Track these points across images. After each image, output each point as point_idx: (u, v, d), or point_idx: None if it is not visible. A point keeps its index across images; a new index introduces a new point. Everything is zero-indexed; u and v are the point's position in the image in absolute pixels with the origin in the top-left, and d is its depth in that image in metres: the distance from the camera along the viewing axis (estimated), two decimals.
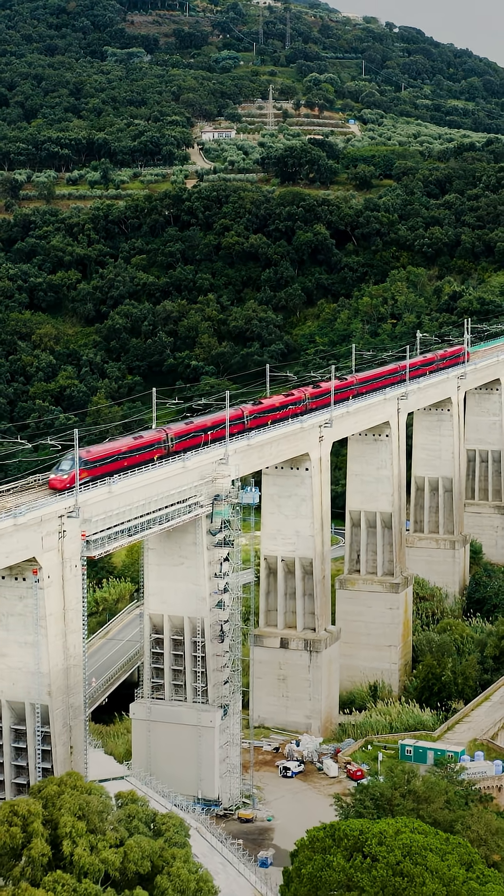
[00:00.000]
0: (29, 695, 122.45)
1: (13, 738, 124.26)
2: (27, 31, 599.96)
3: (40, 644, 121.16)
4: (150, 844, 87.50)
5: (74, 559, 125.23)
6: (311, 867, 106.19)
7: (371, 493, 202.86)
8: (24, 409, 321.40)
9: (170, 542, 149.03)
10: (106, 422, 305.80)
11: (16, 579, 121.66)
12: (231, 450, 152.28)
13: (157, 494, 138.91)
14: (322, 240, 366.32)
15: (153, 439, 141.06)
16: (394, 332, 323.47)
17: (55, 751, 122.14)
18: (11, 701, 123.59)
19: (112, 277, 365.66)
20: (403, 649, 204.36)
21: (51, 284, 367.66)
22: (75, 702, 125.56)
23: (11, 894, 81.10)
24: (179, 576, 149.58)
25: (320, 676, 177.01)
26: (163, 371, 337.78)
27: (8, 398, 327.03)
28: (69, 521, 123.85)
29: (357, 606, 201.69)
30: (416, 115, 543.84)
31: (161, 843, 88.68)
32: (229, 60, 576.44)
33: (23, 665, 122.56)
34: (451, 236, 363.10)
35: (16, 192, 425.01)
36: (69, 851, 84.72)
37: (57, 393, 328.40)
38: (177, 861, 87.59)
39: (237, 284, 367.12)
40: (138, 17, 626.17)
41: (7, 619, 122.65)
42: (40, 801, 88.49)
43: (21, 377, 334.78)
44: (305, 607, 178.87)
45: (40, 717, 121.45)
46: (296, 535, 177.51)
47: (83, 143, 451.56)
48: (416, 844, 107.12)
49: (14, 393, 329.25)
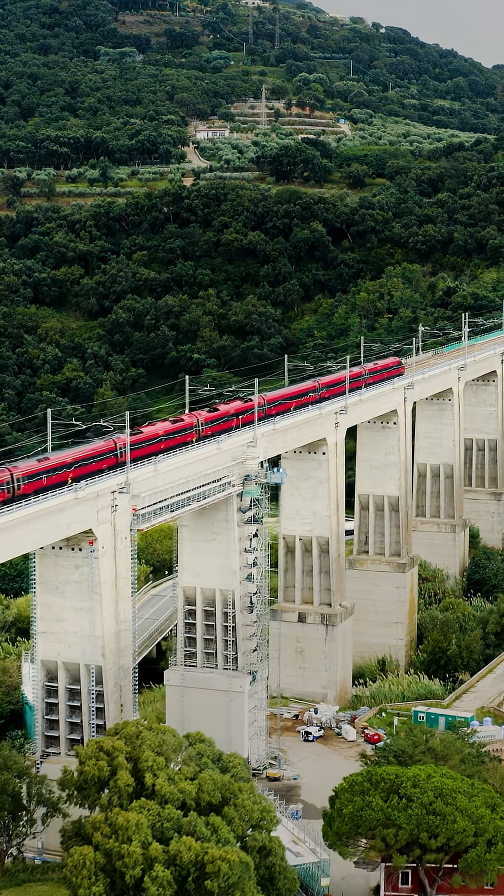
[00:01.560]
0: (84, 656, 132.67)
1: (68, 697, 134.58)
2: (20, 31, 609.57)
3: (95, 609, 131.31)
4: (220, 778, 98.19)
5: (125, 531, 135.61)
6: (352, 807, 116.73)
7: (379, 477, 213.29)
8: (32, 400, 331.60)
9: (202, 520, 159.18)
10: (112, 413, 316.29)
11: (72, 550, 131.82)
12: (259, 433, 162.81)
13: (195, 474, 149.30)
14: (318, 237, 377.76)
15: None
16: (390, 326, 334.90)
17: (108, 708, 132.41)
18: (67, 662, 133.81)
19: (114, 273, 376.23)
20: (409, 626, 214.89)
21: (54, 279, 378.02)
22: (125, 663, 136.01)
23: (105, 817, 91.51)
24: (211, 551, 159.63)
25: (336, 649, 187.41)
26: (165, 364, 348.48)
27: (16, 390, 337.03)
28: (121, 497, 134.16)
29: (366, 585, 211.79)
30: (404, 115, 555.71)
31: (228, 778, 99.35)
32: (220, 60, 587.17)
33: (78, 629, 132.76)
34: (444, 234, 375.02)
35: (17, 189, 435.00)
36: (151, 783, 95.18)
37: (63, 385, 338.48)
38: (243, 793, 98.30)
39: (236, 280, 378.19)
40: (129, 16, 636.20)
41: (64, 586, 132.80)
42: (122, 739, 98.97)
43: (28, 369, 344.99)
44: (322, 584, 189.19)
45: (95, 678, 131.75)
46: (313, 515, 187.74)
47: (81, 141, 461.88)
48: (446, 787, 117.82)
49: (21, 385, 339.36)
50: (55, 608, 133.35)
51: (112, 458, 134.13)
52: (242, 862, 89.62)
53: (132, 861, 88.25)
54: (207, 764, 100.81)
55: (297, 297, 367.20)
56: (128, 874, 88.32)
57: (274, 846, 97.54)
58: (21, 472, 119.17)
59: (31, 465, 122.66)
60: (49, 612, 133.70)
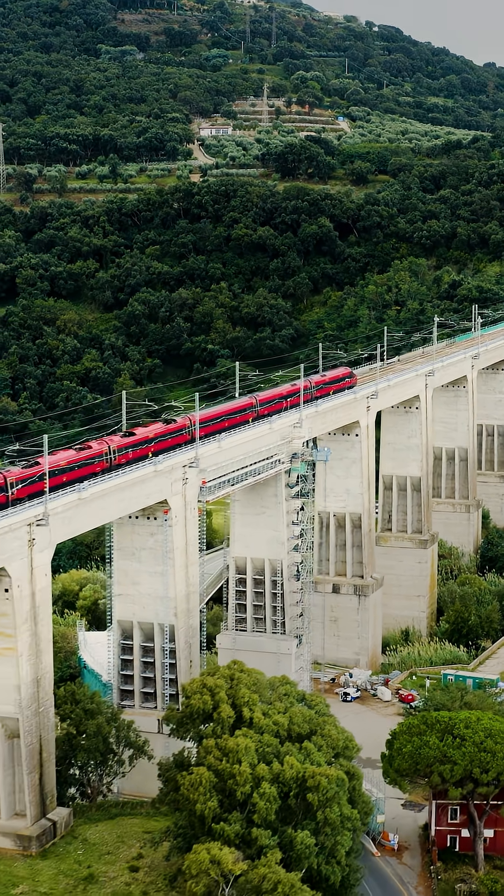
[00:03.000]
0: (157, 616, 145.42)
1: (142, 654, 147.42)
2: (22, 29, 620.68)
3: (168, 573, 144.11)
4: (307, 712, 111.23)
5: (193, 502, 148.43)
6: (411, 746, 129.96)
7: (402, 459, 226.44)
8: (53, 389, 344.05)
9: (253, 495, 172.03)
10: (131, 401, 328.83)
11: (147, 519, 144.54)
12: (304, 415, 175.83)
13: (251, 451, 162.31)
14: (326, 232, 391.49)
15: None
16: (398, 317, 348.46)
17: (179, 663, 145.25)
18: (142, 622, 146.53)
19: (128, 267, 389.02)
20: (430, 599, 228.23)
21: (70, 273, 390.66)
22: (193, 623, 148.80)
23: (215, 742, 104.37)
24: (261, 524, 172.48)
25: (367, 618, 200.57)
26: (180, 354, 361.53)
27: (37, 379, 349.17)
28: (191, 470, 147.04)
29: (389, 560, 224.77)
30: (400, 113, 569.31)
31: (314, 713, 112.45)
32: (219, 59, 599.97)
33: (152, 591, 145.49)
34: (447, 229, 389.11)
35: (29, 185, 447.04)
36: (248, 715, 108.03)
37: (83, 374, 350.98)
38: (328, 725, 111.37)
39: (247, 274, 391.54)
40: (128, 15, 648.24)
41: (139, 552, 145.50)
42: (221, 678, 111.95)
43: (48, 360, 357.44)
44: (354, 557, 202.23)
45: (168, 636, 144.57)
46: (346, 493, 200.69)
47: (90, 138, 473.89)
48: (494, 728, 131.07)
49: (42, 374, 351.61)
50: (131, 572, 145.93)
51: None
52: (339, 778, 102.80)
53: (242, 779, 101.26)
54: (293, 702, 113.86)
55: (306, 290, 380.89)
56: (238, 791, 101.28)
57: (356, 771, 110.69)
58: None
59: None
60: (125, 577, 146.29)
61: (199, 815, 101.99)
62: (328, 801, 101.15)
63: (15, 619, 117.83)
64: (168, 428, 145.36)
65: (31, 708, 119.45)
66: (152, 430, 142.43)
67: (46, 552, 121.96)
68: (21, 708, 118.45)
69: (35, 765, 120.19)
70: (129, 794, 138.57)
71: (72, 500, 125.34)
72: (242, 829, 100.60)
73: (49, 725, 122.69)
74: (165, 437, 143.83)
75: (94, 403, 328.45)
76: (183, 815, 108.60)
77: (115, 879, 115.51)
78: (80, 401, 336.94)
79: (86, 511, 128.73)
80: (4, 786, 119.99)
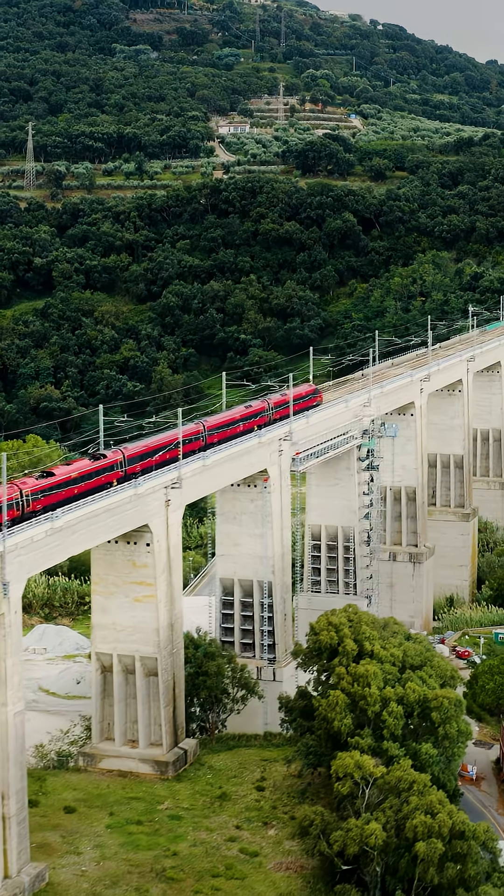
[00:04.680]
0: (256, 574, 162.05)
1: (241, 608, 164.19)
2: (37, 29, 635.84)
3: (266, 535, 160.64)
4: (417, 646, 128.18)
5: (286, 472, 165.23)
6: (493, 684, 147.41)
7: (446, 438, 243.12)
8: (94, 377, 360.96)
9: (327, 468, 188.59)
10: (169, 388, 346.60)
11: (248, 486, 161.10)
12: (372, 395, 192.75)
13: (330, 427, 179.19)
14: (350, 226, 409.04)
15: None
16: (424, 308, 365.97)
17: (276, 616, 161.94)
18: (242, 579, 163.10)
19: (161, 260, 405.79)
20: (472, 568, 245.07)
21: (105, 267, 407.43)
22: (286, 580, 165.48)
23: (345, 669, 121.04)
24: (335, 494, 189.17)
25: (421, 583, 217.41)
26: (214, 344, 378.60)
27: (78, 368, 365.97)
28: (285, 443, 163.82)
29: (434, 533, 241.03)
30: (409, 110, 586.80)
31: (422, 647, 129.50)
32: (231, 58, 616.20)
33: (252, 552, 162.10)
34: (466, 223, 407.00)
35: (59, 182, 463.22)
36: (369, 648, 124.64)
37: (121, 363, 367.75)
38: (436, 658, 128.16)
39: (274, 267, 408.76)
40: (140, 14, 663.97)
41: (241, 517, 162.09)
42: (344, 616, 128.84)
43: (87, 350, 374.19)
44: (408, 527, 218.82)
45: (266, 591, 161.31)
46: (402, 468, 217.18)
47: (114, 136, 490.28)
48: None
49: (83, 363, 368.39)
50: (233, 535, 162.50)
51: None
52: (457, 700, 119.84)
53: (372, 700, 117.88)
54: (402, 640, 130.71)
55: (332, 282, 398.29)
56: (369, 710, 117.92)
57: (461, 698, 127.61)
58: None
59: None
60: (227, 539, 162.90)
61: (336, 732, 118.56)
62: (448, 718, 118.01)
63: (155, 570, 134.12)
64: (95, 465, 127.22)
65: (167, 649, 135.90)
66: (77, 468, 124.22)
67: (178, 512, 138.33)
68: (159, 648, 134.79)
69: (170, 699, 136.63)
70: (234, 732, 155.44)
71: (197, 467, 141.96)
72: (374, 742, 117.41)
73: (180, 665, 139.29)
74: (91, 476, 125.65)
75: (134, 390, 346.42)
76: (312, 737, 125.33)
77: (245, 797, 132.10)
78: (119, 388, 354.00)
79: (207, 476, 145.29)
80: (143, 718, 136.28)
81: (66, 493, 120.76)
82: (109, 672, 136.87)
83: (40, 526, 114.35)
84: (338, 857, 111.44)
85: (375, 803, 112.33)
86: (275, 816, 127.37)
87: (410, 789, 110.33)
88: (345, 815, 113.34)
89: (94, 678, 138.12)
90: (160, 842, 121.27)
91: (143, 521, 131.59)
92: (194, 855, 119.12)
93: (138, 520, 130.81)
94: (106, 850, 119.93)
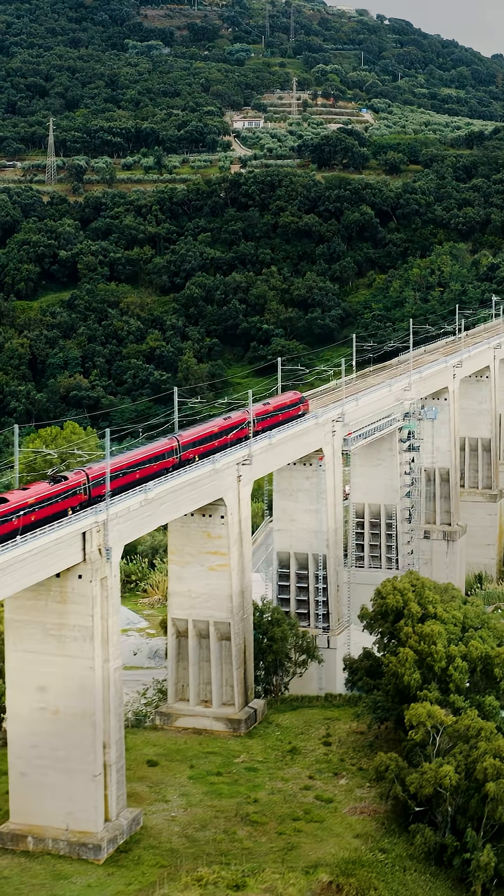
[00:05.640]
0: (311, 547, 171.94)
1: (297, 580, 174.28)
2: (50, 25, 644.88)
3: (321, 511, 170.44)
4: (475, 609, 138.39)
5: (338, 452, 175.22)
6: None
7: (474, 423, 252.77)
8: (121, 366, 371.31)
9: (370, 449, 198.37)
10: (195, 377, 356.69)
11: (304, 465, 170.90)
12: (413, 380, 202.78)
13: (376, 410, 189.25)
14: (368, 219, 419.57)
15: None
16: (442, 298, 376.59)
17: (330, 588, 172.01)
18: (297, 553, 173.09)
19: (183, 252, 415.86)
20: (499, 547, 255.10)
21: (128, 259, 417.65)
22: (339, 554, 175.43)
23: (412, 629, 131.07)
24: (377, 474, 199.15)
25: (455, 560, 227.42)
26: (237, 334, 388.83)
27: (105, 358, 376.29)
28: (338, 424, 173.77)
29: (463, 513, 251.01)
30: (418, 104, 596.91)
31: (479, 610, 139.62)
32: (242, 53, 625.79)
33: (307, 526, 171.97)
34: (481, 216, 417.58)
35: (80, 176, 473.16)
36: (432, 611, 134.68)
37: (147, 353, 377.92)
38: (492, 620, 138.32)
39: (294, 258, 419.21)
40: (151, 10, 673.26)
41: (296, 493, 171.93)
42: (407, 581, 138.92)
43: (114, 340, 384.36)
44: (442, 507, 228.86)
45: (321, 564, 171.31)
46: (436, 450, 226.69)
47: (132, 131, 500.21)
48: None
49: (109, 353, 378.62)
50: (289, 510, 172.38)
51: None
52: None
53: (439, 657, 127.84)
54: (460, 604, 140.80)
55: (351, 274, 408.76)
56: (436, 666, 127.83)
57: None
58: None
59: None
60: (284, 514, 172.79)
61: (405, 687, 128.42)
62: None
63: (228, 541, 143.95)
64: (54, 490, 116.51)
65: (239, 614, 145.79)
66: (33, 493, 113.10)
67: (248, 487, 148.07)
68: (232, 614, 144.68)
69: (241, 661, 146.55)
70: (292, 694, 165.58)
71: (264, 445, 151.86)
72: (441, 696, 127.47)
73: (250, 629, 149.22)
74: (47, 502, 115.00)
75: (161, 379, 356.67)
76: (380, 693, 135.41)
77: (313, 751, 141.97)
78: (146, 377, 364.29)
79: (272, 454, 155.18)
80: (216, 680, 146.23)
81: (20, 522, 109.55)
82: (184, 637, 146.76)
83: (136, 497, 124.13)
84: (410, 799, 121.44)
85: (445, 749, 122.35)
86: (343, 768, 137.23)
87: (478, 735, 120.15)
88: (415, 763, 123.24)
89: (169, 643, 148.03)
90: (240, 790, 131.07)
91: (218, 495, 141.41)
92: (273, 801, 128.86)
93: (214, 493, 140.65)
94: (191, 798, 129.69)
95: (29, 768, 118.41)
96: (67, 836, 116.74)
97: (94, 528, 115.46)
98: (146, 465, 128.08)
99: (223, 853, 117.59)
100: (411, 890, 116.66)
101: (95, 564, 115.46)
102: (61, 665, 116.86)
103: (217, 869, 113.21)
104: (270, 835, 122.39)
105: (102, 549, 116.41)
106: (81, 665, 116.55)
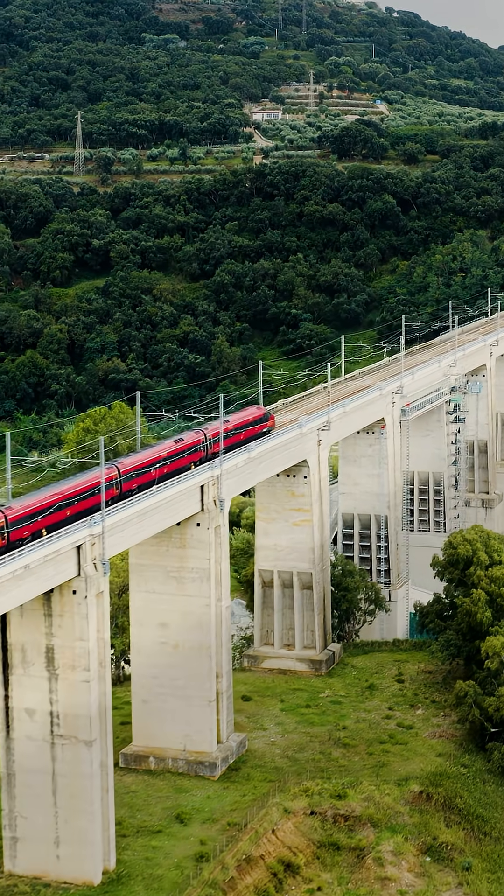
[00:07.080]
0: (374, 509, 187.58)
1: (360, 539, 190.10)
2: (68, 19, 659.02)
3: (383, 475, 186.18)
4: None
5: (397, 421, 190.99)
6: None
7: None
8: (156, 350, 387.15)
9: (419, 420, 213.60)
10: (228, 360, 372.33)
11: (367, 433, 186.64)
12: (456, 357, 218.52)
13: (428, 384, 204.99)
14: (390, 207, 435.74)
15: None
16: (464, 283, 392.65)
17: (390, 546, 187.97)
18: (361, 514, 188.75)
19: (212, 241, 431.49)
20: None
21: (159, 247, 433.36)
22: (398, 515, 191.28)
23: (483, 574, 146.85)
24: (426, 444, 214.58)
25: (493, 526, 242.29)
26: (266, 318, 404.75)
27: (140, 342, 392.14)
28: (397, 396, 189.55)
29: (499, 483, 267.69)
30: (429, 95, 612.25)
31: None
32: (256, 46, 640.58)
33: (369, 489, 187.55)
34: (499, 204, 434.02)
35: (108, 168, 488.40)
36: (499, 559, 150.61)
37: (181, 337, 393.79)
38: None
39: (319, 246, 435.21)
40: (165, 4, 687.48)
41: (360, 459, 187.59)
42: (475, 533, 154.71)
43: (148, 325, 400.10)
44: (480, 476, 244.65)
45: (383, 524, 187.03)
46: (476, 424, 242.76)
47: (156, 123, 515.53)
48: None
49: (145, 338, 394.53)
50: (353, 475, 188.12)
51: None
52: None
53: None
54: None
55: (375, 260, 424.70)
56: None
57: None
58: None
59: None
60: (348, 479, 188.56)
61: (477, 624, 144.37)
62: None
63: (311, 498, 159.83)
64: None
65: (319, 565, 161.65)
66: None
67: (326, 450, 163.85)
68: (314, 565, 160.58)
69: (321, 608, 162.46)
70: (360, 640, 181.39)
71: (340, 412, 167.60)
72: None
73: (328, 580, 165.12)
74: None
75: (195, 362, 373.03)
76: (451, 632, 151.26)
77: (389, 688, 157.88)
78: (181, 360, 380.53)
79: (347, 421, 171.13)
80: (299, 625, 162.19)
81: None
82: (269, 587, 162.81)
83: (242, 455, 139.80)
84: (487, 721, 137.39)
85: None
86: (418, 700, 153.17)
87: None
88: (488, 690, 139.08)
89: (255, 592, 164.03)
90: (329, 720, 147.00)
91: (302, 457, 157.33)
92: (360, 728, 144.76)
93: (300, 455, 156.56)
94: (286, 726, 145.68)
95: (150, 696, 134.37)
96: (185, 756, 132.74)
97: (210, 481, 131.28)
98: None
99: (322, 769, 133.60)
100: (491, 798, 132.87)
101: (211, 514, 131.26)
102: (181, 603, 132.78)
103: (320, 782, 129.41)
104: (362, 755, 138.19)
105: (217, 501, 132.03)
106: (199, 603, 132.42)
